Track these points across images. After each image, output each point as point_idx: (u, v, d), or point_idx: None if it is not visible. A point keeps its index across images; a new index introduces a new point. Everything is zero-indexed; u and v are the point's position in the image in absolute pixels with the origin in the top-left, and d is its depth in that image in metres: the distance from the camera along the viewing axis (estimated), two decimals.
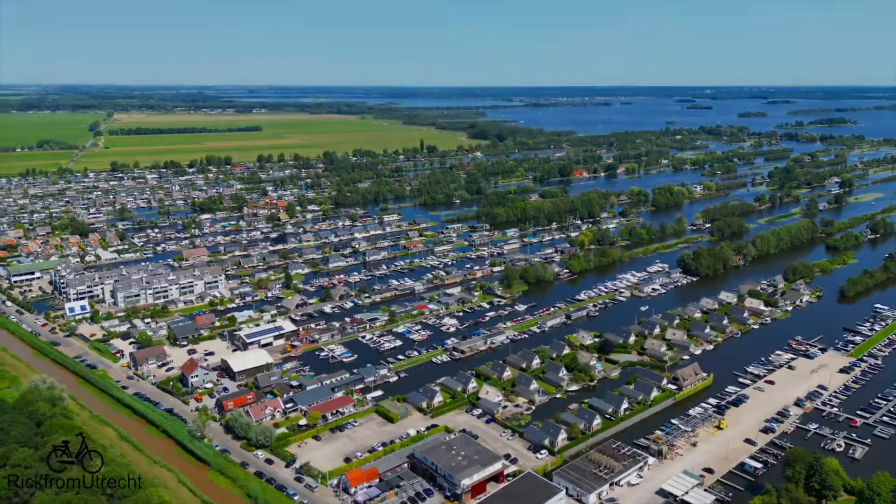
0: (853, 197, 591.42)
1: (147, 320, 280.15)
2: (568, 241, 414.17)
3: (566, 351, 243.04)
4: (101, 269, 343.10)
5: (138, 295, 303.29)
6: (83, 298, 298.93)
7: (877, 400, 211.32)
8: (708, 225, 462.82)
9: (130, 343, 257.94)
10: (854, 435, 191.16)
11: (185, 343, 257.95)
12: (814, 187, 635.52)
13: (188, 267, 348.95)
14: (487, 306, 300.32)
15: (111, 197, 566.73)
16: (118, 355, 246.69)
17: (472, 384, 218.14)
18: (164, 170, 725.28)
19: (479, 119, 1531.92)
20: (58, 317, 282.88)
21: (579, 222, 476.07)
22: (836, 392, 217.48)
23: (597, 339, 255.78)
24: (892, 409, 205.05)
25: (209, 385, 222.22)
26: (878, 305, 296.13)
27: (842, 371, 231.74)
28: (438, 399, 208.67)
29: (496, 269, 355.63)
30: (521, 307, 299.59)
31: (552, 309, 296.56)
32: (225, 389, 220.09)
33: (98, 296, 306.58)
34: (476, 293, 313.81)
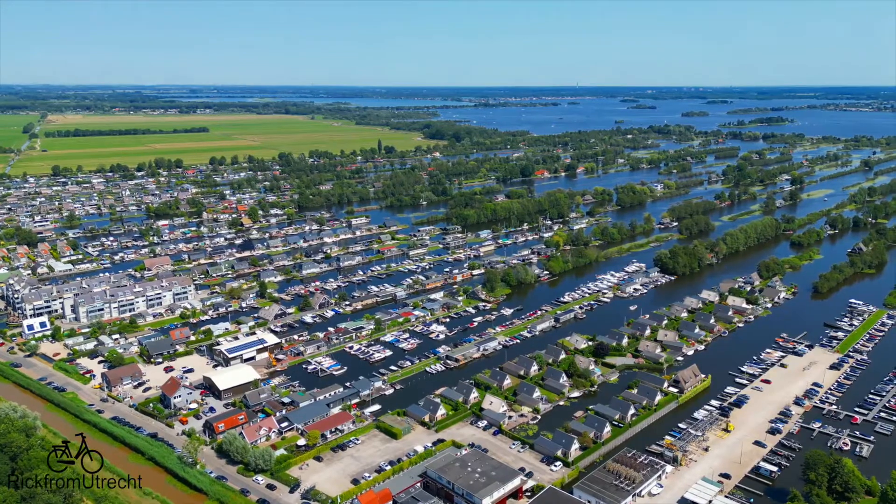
0: (805, 194, 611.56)
1: (115, 336, 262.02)
2: (543, 241, 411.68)
3: (562, 356, 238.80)
4: (58, 282, 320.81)
5: (102, 309, 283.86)
6: (41, 314, 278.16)
7: (871, 396, 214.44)
8: (675, 223, 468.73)
9: (99, 362, 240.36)
10: (857, 433, 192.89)
11: (161, 360, 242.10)
12: (766, 185, 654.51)
13: (152, 277, 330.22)
14: (473, 311, 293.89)
15: (56, 203, 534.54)
16: (88, 376, 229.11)
17: (474, 394, 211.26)
18: (110, 173, 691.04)
19: (432, 119, 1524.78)
20: (15, 335, 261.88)
21: (549, 223, 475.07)
22: (830, 389, 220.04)
23: (591, 343, 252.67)
24: (886, 405, 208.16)
25: (194, 406, 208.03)
26: (853, 300, 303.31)
27: (832, 368, 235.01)
28: (441, 412, 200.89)
29: (475, 272, 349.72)
30: (507, 311, 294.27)
31: (539, 312, 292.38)
32: (211, 409, 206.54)
33: (57, 311, 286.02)
34: (460, 298, 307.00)
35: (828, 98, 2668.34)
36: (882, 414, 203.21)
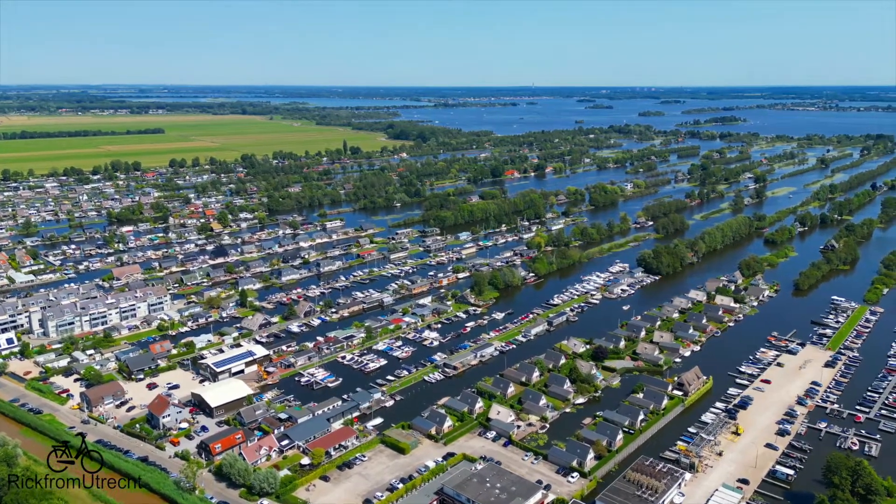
0: (769, 191, 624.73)
1: (90, 352, 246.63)
2: (524, 243, 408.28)
3: (562, 361, 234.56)
4: (21, 294, 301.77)
5: (73, 322, 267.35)
6: (7, 330, 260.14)
7: (869, 393, 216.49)
8: (650, 223, 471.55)
9: (76, 380, 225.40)
10: (863, 431, 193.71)
11: (142, 376, 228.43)
12: (731, 183, 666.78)
13: (122, 287, 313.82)
14: (464, 316, 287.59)
15: (9, 210, 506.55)
16: (65, 395, 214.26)
17: (479, 404, 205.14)
18: (64, 177, 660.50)
19: (394, 119, 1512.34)
20: None
21: (527, 223, 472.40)
22: (829, 388, 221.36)
23: (589, 346, 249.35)
24: (885, 402, 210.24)
25: (184, 425, 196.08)
26: (835, 297, 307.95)
27: (827, 365, 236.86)
28: (448, 423, 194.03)
29: (460, 275, 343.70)
30: (498, 315, 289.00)
31: (531, 316, 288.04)
32: (204, 429, 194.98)
33: (24, 325, 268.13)
34: (449, 302, 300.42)
35: (774, 98, 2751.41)
36: (883, 412, 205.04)
